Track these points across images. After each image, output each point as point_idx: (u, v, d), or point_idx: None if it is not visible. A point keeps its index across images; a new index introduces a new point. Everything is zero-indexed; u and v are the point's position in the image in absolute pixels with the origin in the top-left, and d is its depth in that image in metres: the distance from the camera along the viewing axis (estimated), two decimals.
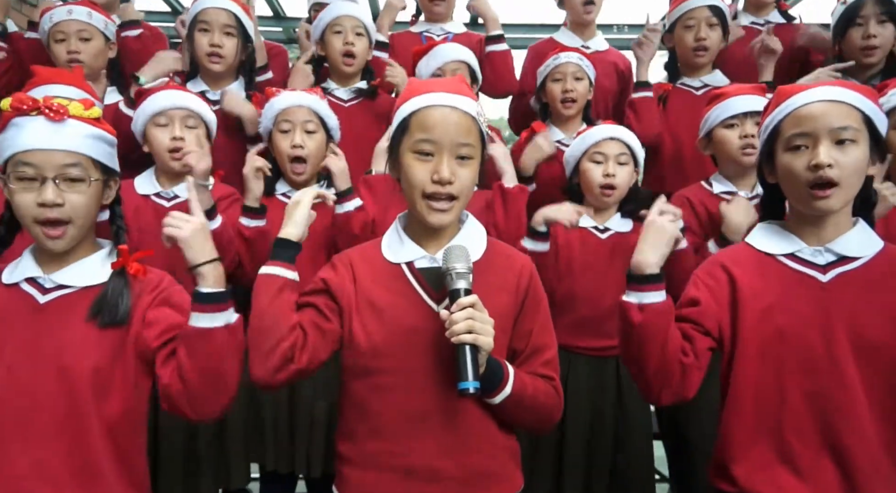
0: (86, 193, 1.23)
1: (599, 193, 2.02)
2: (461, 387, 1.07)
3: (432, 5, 2.82)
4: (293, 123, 1.99)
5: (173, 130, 1.92)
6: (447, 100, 1.18)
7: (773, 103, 1.28)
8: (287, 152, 1.99)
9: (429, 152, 1.18)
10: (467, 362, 1.07)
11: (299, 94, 2.02)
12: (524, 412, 1.23)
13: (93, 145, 1.24)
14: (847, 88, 1.22)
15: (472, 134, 1.20)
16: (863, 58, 2.24)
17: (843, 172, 1.17)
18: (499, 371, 1.17)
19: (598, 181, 2.01)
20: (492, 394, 1.17)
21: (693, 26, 2.36)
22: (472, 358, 1.08)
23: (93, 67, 2.25)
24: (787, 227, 1.30)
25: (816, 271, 1.23)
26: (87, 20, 2.24)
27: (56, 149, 1.19)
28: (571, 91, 2.33)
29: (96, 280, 1.26)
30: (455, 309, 1.10)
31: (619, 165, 2.01)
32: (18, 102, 1.20)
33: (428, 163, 1.18)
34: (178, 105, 1.94)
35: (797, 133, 1.21)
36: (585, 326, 1.99)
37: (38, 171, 1.19)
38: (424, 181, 1.18)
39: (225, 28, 2.26)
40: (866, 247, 1.23)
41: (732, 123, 1.99)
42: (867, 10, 2.21)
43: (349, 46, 2.38)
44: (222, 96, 2.25)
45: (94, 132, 1.24)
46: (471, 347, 1.08)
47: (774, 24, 2.68)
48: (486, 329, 1.09)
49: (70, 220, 1.21)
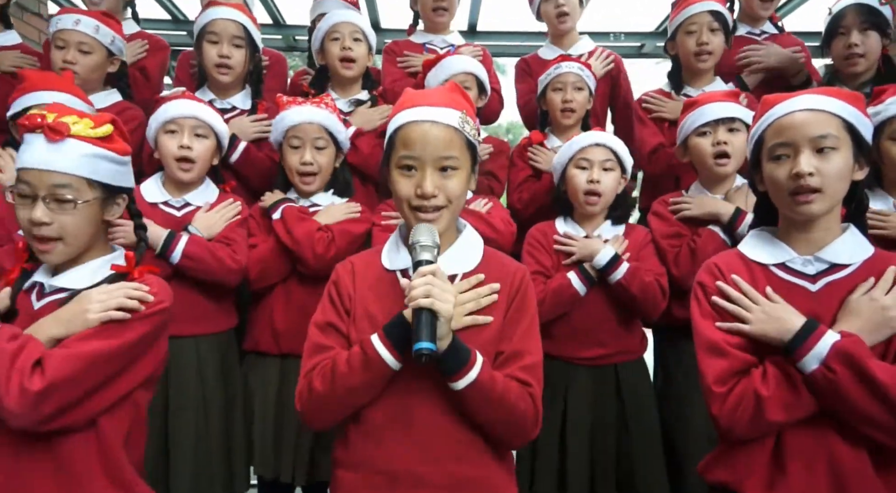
0: (75, 213, 1.26)
1: (584, 200, 2.04)
2: (416, 348, 1.07)
3: (435, 15, 2.84)
4: (303, 139, 2.04)
5: (182, 138, 1.95)
6: (428, 114, 1.21)
7: (758, 113, 1.31)
8: (296, 168, 2.04)
9: (412, 166, 1.21)
10: (423, 324, 1.08)
11: (310, 109, 2.06)
12: (492, 410, 1.18)
13: (91, 165, 1.27)
14: (829, 95, 1.23)
15: (455, 145, 1.22)
16: (847, 67, 2.27)
17: (824, 179, 1.19)
18: (465, 353, 1.15)
19: (582, 188, 2.03)
20: (455, 376, 1.15)
21: (695, 31, 2.37)
22: (429, 321, 1.09)
23: (86, 80, 2.25)
24: (778, 234, 1.31)
25: (806, 281, 1.25)
26: (92, 34, 2.22)
27: (49, 169, 1.23)
28: (571, 101, 2.38)
29: (91, 282, 1.29)
30: (415, 277, 1.12)
31: (604, 171, 2.02)
32: (26, 120, 1.24)
33: (412, 178, 1.22)
34: (188, 114, 1.97)
35: (779, 143, 1.23)
36: (582, 335, 2.01)
37: (32, 189, 1.24)
38: (410, 195, 1.22)
39: (234, 40, 2.29)
40: (856, 254, 1.25)
41: (705, 131, 2.03)
42: (849, 20, 2.25)
43: (347, 51, 2.41)
44: None
45: (95, 151, 1.27)
46: (428, 312, 1.09)
47: (769, 34, 2.74)
48: (444, 296, 1.10)
49: (60, 238, 1.26)
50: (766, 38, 2.73)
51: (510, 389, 1.19)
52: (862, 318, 1.16)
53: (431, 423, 1.20)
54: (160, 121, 1.97)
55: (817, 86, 2.51)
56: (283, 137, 2.07)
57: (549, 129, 2.53)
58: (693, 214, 2.05)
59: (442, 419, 1.20)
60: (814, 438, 1.18)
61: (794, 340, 1.15)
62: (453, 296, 1.12)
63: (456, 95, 1.29)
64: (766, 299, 1.23)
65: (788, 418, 1.16)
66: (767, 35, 2.74)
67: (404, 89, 1.36)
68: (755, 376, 1.18)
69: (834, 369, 1.11)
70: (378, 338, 1.18)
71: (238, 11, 2.33)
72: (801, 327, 1.16)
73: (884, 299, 1.17)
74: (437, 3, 2.81)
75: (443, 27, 2.90)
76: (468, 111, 1.26)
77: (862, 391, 1.10)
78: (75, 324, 1.21)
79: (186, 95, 2.06)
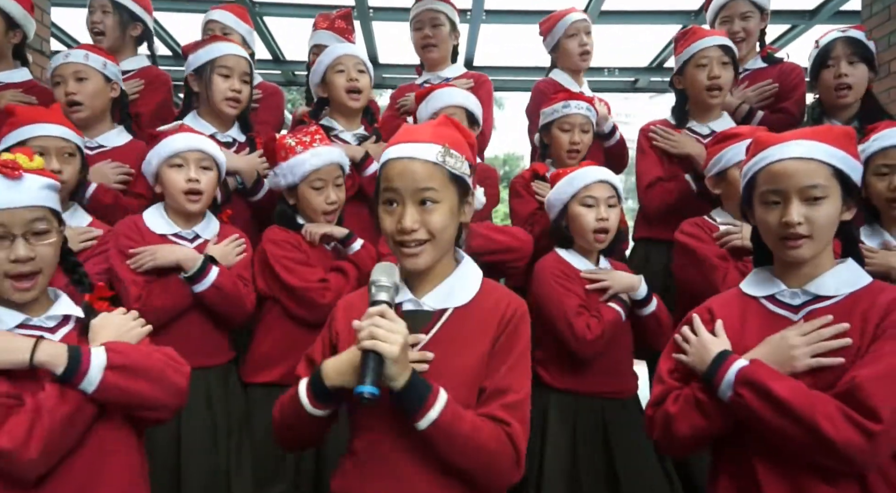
0: (52, 243, 1.29)
1: (593, 238, 2.05)
2: (356, 391, 1.08)
3: (424, 52, 2.91)
4: (326, 180, 2.09)
5: (188, 171, 1.98)
6: (406, 151, 1.23)
7: (750, 152, 1.36)
8: (322, 208, 2.09)
9: (394, 201, 1.23)
10: (367, 367, 1.09)
11: (328, 150, 2.10)
12: (458, 451, 1.14)
13: (49, 196, 1.31)
14: (820, 140, 1.27)
15: (435, 178, 1.22)
16: (836, 98, 2.30)
17: (813, 226, 1.25)
18: (423, 393, 1.13)
19: (591, 226, 2.03)
20: (415, 416, 1.12)
21: (706, 65, 2.35)
22: (373, 364, 1.09)
23: (92, 107, 2.28)
24: (775, 270, 1.37)
25: (790, 312, 1.30)
26: (83, 61, 2.26)
27: (18, 206, 1.25)
28: (578, 143, 2.43)
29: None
30: (364, 318, 1.14)
31: (609, 208, 2.05)
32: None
33: (394, 213, 1.23)
34: (193, 147, 2.00)
35: (770, 189, 1.29)
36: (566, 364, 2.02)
37: (6, 229, 1.25)
38: (392, 231, 1.23)
39: (243, 76, 2.36)
40: (845, 285, 1.28)
41: None
42: (837, 51, 2.29)
43: (354, 82, 2.45)
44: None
45: (48, 183, 1.32)
46: (372, 354, 1.09)
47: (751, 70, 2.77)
48: (390, 337, 1.09)
49: (41, 270, 1.28)
50: (747, 74, 2.77)
51: (480, 428, 1.15)
52: (767, 349, 1.25)
53: (410, 461, 1.19)
54: (163, 155, 1.99)
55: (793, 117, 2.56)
56: (301, 180, 2.08)
57: (549, 161, 2.54)
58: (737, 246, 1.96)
59: (421, 457, 1.18)
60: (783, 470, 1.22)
61: (708, 370, 1.26)
62: (403, 336, 1.11)
63: (442, 128, 1.29)
64: (710, 334, 1.32)
65: (694, 433, 1.27)
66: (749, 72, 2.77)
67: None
68: (670, 397, 1.31)
69: (741, 394, 1.19)
70: (304, 384, 1.23)
71: (241, 48, 2.40)
72: (713, 358, 1.25)
73: (794, 338, 1.23)
74: (425, 41, 2.89)
75: (434, 63, 2.96)
76: (453, 143, 1.25)
77: (769, 410, 1.16)
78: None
79: (186, 129, 2.08)
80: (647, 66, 5.38)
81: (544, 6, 4.23)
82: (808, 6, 4.37)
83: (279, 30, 4.93)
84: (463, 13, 4.16)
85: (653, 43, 5.17)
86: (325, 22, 3.10)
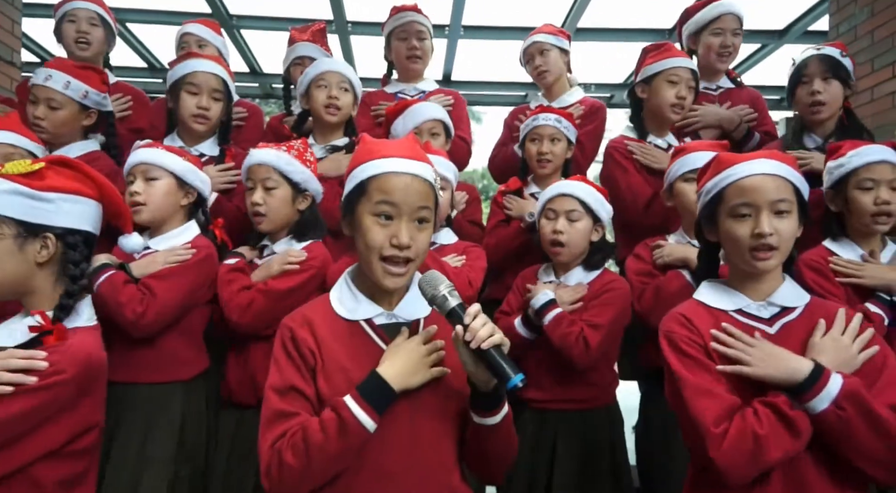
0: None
1: (549, 250, 2.08)
2: (511, 385, 1.09)
3: (409, 62, 2.90)
4: (254, 180, 2.05)
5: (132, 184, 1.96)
6: (408, 167, 1.22)
7: (712, 170, 1.40)
8: (249, 210, 2.06)
9: (389, 215, 1.21)
10: (503, 361, 1.10)
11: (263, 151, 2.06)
12: (509, 442, 1.27)
13: (5, 202, 1.25)
14: (781, 160, 1.35)
15: (430, 198, 1.24)
16: (811, 114, 2.35)
17: (780, 238, 1.31)
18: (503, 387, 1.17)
19: (547, 237, 2.07)
20: (495, 410, 1.20)
21: (676, 82, 2.43)
22: (502, 357, 1.11)
23: (55, 135, 2.22)
24: (729, 284, 1.41)
25: (764, 324, 1.35)
26: (61, 90, 2.20)
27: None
28: (547, 153, 2.45)
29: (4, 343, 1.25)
30: (468, 321, 1.12)
31: (570, 222, 2.05)
32: None
33: (387, 227, 1.21)
34: (139, 160, 1.96)
35: (741, 203, 1.33)
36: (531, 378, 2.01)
37: None
38: (383, 244, 1.20)
39: (213, 92, 2.33)
40: (798, 298, 1.38)
41: (691, 178, 2.06)
42: (812, 69, 2.33)
43: (333, 99, 2.44)
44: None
45: (6, 187, 1.25)
46: (496, 348, 1.11)
47: (725, 88, 2.84)
48: (497, 330, 1.13)
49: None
50: (722, 92, 2.83)
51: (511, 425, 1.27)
52: (830, 355, 1.25)
53: (417, 475, 1.18)
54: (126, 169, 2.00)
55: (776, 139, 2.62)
56: (244, 179, 2.10)
57: (530, 177, 2.57)
58: (666, 262, 2.08)
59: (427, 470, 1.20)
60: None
61: (805, 382, 1.20)
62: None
63: (419, 147, 1.29)
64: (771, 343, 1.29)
65: (785, 455, 1.19)
66: (723, 90, 2.84)
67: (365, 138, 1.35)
68: (748, 416, 1.20)
69: (844, 408, 1.17)
70: (353, 400, 1.13)
71: (218, 65, 2.37)
72: (811, 369, 1.21)
73: (844, 338, 1.27)
74: (411, 52, 2.87)
75: (417, 74, 2.96)
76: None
77: (867, 429, 1.17)
78: None
79: (154, 144, 2.04)
80: (622, 83, 5.47)
81: (521, 23, 4.30)
82: (778, 26, 4.49)
83: (256, 43, 4.91)
84: (441, 28, 4.20)
85: (628, 60, 5.27)
86: (303, 34, 3.09)
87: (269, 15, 4.40)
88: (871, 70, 3.32)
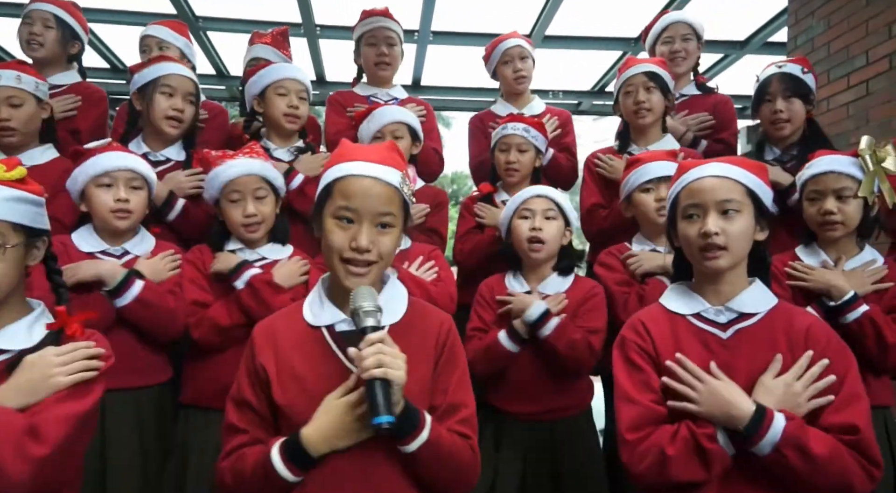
0: (4, 259, 1.21)
1: (528, 247, 2.08)
2: (375, 422, 1.06)
3: (377, 69, 2.89)
4: (243, 192, 2.01)
5: (118, 191, 1.92)
6: (370, 170, 1.21)
7: (674, 177, 1.46)
8: (240, 221, 2.01)
9: (350, 219, 1.21)
10: (379, 396, 1.06)
11: (245, 161, 2.03)
12: (441, 467, 1.20)
13: (12, 208, 1.23)
14: (735, 164, 1.40)
15: (394, 203, 1.23)
16: (774, 131, 2.44)
17: (728, 238, 1.34)
18: (414, 416, 1.15)
19: (525, 235, 2.07)
20: (407, 440, 1.15)
21: (632, 92, 2.51)
22: (384, 392, 1.07)
23: (25, 133, 2.19)
24: (693, 287, 1.44)
25: (718, 329, 1.37)
26: (15, 85, 2.17)
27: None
28: (514, 162, 2.47)
29: (29, 343, 1.23)
30: (363, 346, 1.11)
31: (546, 220, 2.08)
32: None
33: (348, 229, 1.21)
34: (122, 166, 1.94)
35: (690, 204, 1.39)
36: (515, 391, 2.02)
37: None
38: (343, 247, 1.21)
39: (188, 96, 2.31)
40: (761, 304, 1.38)
41: (648, 188, 2.14)
42: (773, 88, 2.41)
43: (294, 110, 2.42)
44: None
45: (14, 194, 1.23)
46: (382, 381, 1.07)
47: (689, 96, 2.90)
48: (396, 363, 1.09)
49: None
50: (683, 101, 2.89)
51: (456, 444, 1.21)
52: (776, 399, 1.26)
53: (370, 482, 1.17)
54: (90, 174, 1.92)
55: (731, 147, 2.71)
56: (220, 194, 2.03)
57: (499, 183, 2.59)
58: (645, 270, 2.11)
59: (380, 478, 1.18)
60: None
61: (748, 428, 1.22)
62: (404, 360, 1.11)
63: (394, 153, 1.29)
64: (711, 376, 1.30)
65: (691, 478, 1.24)
66: (686, 98, 2.91)
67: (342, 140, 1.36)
68: (665, 433, 1.27)
69: (785, 455, 1.21)
70: (278, 455, 1.15)
71: (188, 70, 2.35)
72: (752, 415, 1.23)
73: (796, 384, 1.28)
74: (380, 58, 2.86)
75: (385, 81, 2.95)
76: (405, 172, 1.28)
77: (806, 467, 1.20)
78: (42, 390, 1.17)
79: (116, 147, 2.01)
80: (589, 90, 5.55)
81: (490, 29, 4.34)
82: (739, 37, 4.61)
83: (223, 45, 4.85)
84: (411, 34, 4.20)
85: (595, 68, 5.34)
86: (263, 37, 3.07)
87: (236, 17, 4.35)
88: (827, 81, 3.44)
